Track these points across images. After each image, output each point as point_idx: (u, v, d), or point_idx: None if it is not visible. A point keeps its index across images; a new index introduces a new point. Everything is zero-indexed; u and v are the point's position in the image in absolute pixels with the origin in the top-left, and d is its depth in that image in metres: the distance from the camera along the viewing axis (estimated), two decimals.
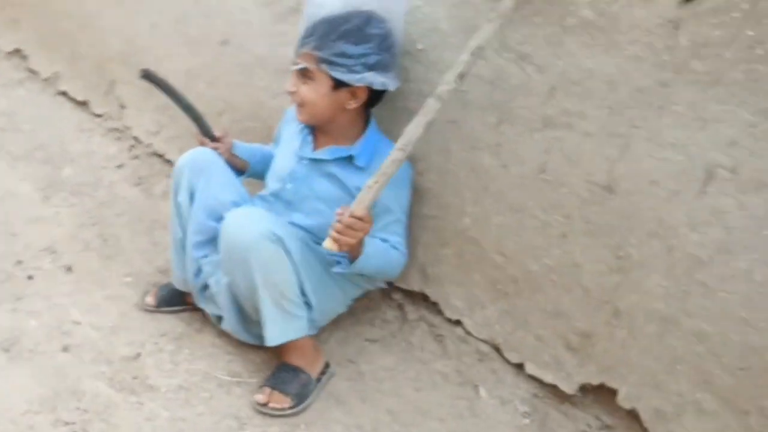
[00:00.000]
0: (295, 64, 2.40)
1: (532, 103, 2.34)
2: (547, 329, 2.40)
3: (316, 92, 2.39)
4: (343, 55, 2.32)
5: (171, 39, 3.35)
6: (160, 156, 3.47)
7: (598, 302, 2.29)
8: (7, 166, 3.47)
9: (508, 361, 2.50)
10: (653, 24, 2.11)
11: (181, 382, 2.47)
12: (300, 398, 2.39)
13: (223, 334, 2.59)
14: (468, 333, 2.58)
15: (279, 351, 2.44)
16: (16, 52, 4.16)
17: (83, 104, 3.84)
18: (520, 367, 2.48)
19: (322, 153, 2.49)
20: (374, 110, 2.57)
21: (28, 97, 4.02)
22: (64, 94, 3.94)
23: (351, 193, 2.42)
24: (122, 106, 3.63)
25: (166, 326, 2.65)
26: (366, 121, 2.54)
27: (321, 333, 2.65)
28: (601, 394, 2.33)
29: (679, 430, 2.17)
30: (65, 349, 2.54)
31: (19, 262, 2.88)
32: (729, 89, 2.01)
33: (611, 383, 2.29)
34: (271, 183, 2.61)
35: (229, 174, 2.56)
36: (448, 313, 2.61)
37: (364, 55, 2.32)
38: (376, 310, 2.76)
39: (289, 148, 2.59)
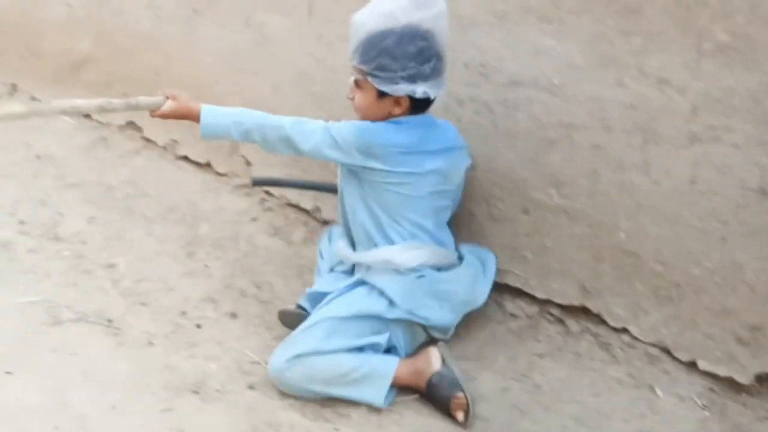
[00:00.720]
0: (352, 75, 2.73)
1: (676, 122, 2.56)
2: (715, 327, 2.61)
3: (365, 100, 2.74)
4: (382, 68, 2.64)
5: (295, 97, 3.58)
6: (294, 206, 3.69)
7: (765, 297, 2.49)
8: (145, 229, 3.70)
9: (679, 361, 2.70)
10: None
11: (367, 408, 2.69)
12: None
13: None
14: (635, 338, 2.78)
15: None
16: (130, 124, 4.39)
17: (206, 166, 4.07)
18: (691, 365, 2.68)
19: None
20: (521, 138, 2.90)
21: (148, 164, 4.24)
22: (184, 158, 4.16)
23: None
24: (248, 164, 3.86)
25: None
26: None
27: (490, 353, 2.89)
28: None
29: None
30: (251, 386, 2.77)
31: (184, 313, 3.13)
32: None
33: None
34: None
35: None
36: (612, 322, 2.82)
37: (401, 68, 2.63)
38: (538, 327, 2.97)
39: None
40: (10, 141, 4.44)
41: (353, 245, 2.94)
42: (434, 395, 2.70)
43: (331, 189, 3.17)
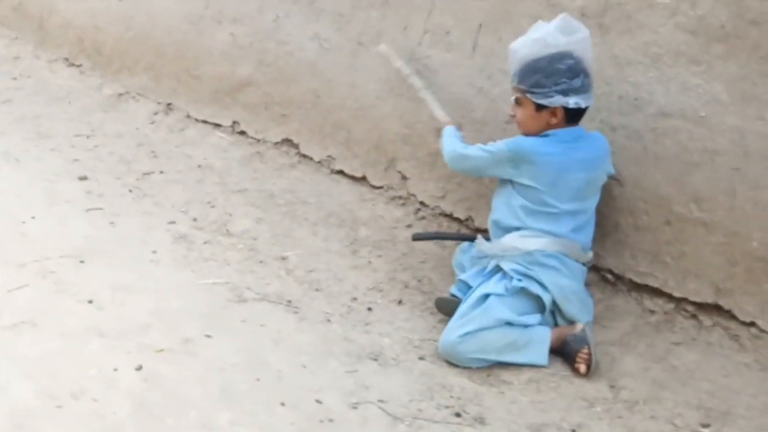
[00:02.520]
0: (513, 95, 3.37)
1: None
2: None
3: (525, 114, 3.36)
4: (537, 85, 3.26)
5: (455, 119, 4.16)
6: (448, 215, 4.27)
7: None
8: (310, 230, 4.29)
9: None
10: None
11: (528, 377, 3.27)
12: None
13: None
14: (762, 331, 3.31)
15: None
16: (285, 141, 4.98)
17: (361, 179, 4.65)
18: None
19: None
20: (667, 161, 3.46)
21: (304, 177, 4.79)
22: (340, 172, 4.74)
23: None
24: (404, 178, 4.44)
25: None
26: None
27: (631, 340, 3.46)
28: None
29: None
30: (421, 358, 3.32)
31: (355, 299, 3.70)
32: None
33: None
34: None
35: None
36: (742, 317, 3.36)
37: (554, 83, 3.23)
38: (674, 322, 3.51)
39: None
40: (171, 152, 5.08)
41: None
42: (564, 350, 3.32)
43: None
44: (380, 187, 4.59)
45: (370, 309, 3.65)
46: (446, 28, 4.22)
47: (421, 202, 4.37)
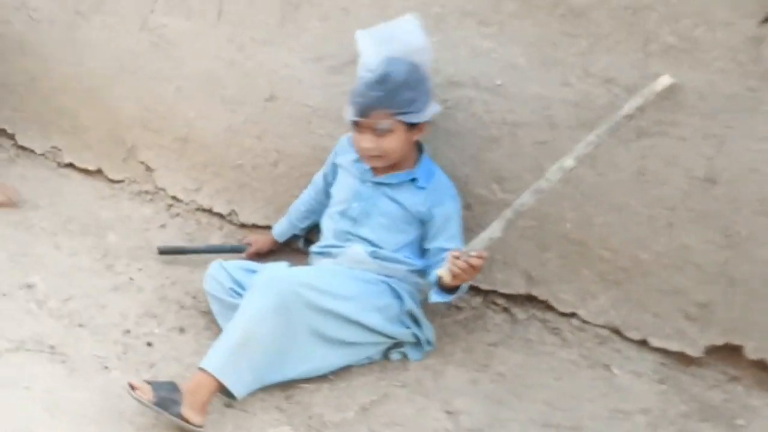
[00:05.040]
0: (367, 125, 2.77)
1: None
2: (664, 306, 2.82)
3: (397, 140, 2.78)
4: (408, 102, 2.72)
5: (202, 101, 3.54)
6: (207, 210, 3.66)
7: (712, 275, 2.73)
8: (49, 243, 3.54)
9: (630, 340, 2.90)
10: (735, 42, 2.54)
11: None
12: (162, 404, 2.48)
13: None
14: (584, 322, 2.96)
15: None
16: (1, 131, 4.19)
17: (96, 173, 3.96)
18: (642, 343, 2.89)
19: (388, 178, 2.91)
20: (462, 137, 3.04)
21: (27, 173, 4.07)
22: (69, 165, 4.03)
23: (410, 212, 2.88)
24: (149, 169, 3.78)
25: None
26: (419, 148, 2.94)
27: (446, 346, 2.99)
28: (724, 351, 2.78)
29: None
30: (228, 405, 2.68)
31: (128, 332, 3.00)
32: None
33: (735, 341, 2.74)
34: (337, 204, 3.02)
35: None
36: (560, 308, 2.99)
37: (421, 94, 2.75)
38: (484, 318, 3.11)
39: (350, 172, 2.99)
40: None
41: None
42: None
43: (237, 249, 3.38)
44: (121, 181, 3.90)
45: (149, 344, 2.97)
46: None
47: (174, 197, 3.76)
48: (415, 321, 2.89)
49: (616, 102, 2.74)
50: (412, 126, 2.76)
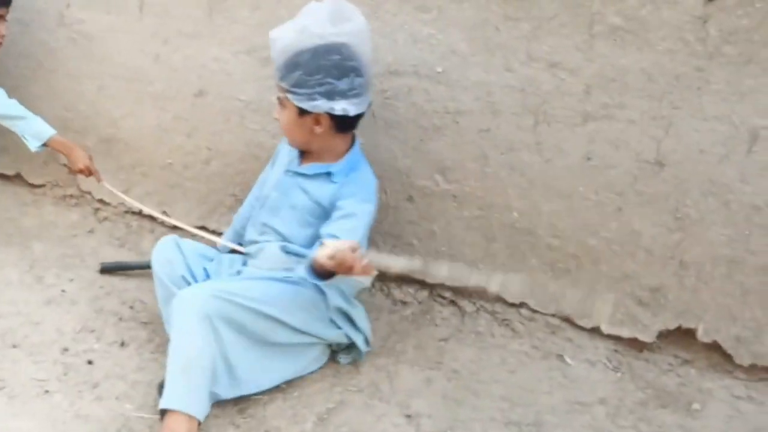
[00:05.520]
0: (276, 94, 2.65)
1: (569, 103, 2.69)
2: (616, 292, 2.78)
3: (288, 118, 2.63)
4: (299, 84, 2.54)
5: (128, 99, 3.39)
6: (137, 213, 3.50)
7: (663, 259, 2.69)
8: None
9: (581, 328, 2.85)
10: (682, 21, 2.51)
11: None
12: None
13: None
14: (534, 311, 2.90)
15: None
16: None
17: (15, 177, 3.77)
18: (594, 330, 2.84)
19: (305, 168, 2.74)
20: (402, 127, 2.91)
21: None
22: None
23: (318, 204, 2.70)
24: (72, 172, 3.60)
25: None
26: (351, 142, 2.77)
27: (396, 345, 2.91)
28: (677, 335, 2.74)
29: (761, 348, 2.63)
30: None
31: (66, 350, 2.83)
32: (762, 65, 2.45)
33: (688, 324, 2.71)
34: (262, 190, 2.88)
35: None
36: (510, 298, 2.92)
37: (318, 84, 2.52)
38: (432, 312, 3.03)
39: (282, 161, 2.84)
40: None
41: None
42: None
43: None
44: (42, 186, 3.71)
45: (90, 362, 2.79)
46: None
47: (100, 200, 3.58)
48: (349, 319, 2.75)
49: (562, 86, 2.68)
50: (303, 112, 2.58)
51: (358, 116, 2.63)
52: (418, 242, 3.02)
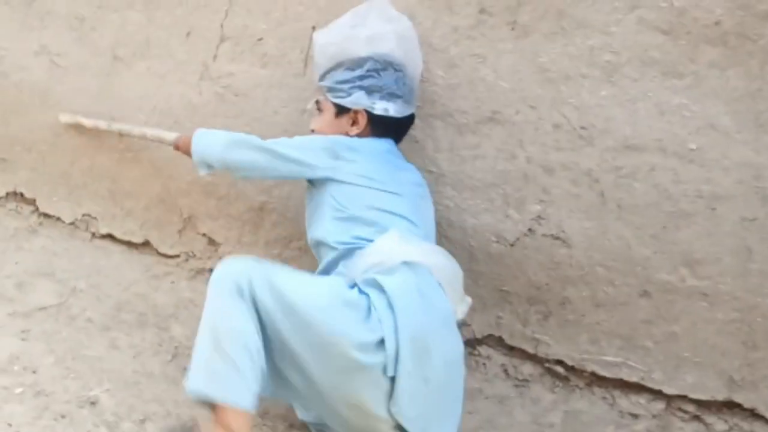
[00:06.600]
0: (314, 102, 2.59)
1: None
2: None
3: (324, 122, 2.52)
4: (340, 81, 2.46)
5: None
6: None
7: None
8: (104, 340, 2.89)
9: None
10: None
11: None
12: None
13: None
14: None
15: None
16: (13, 195, 3.61)
17: (143, 245, 3.36)
18: None
19: None
20: (641, 212, 2.49)
21: (55, 246, 3.48)
22: (108, 237, 3.44)
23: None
24: (212, 243, 3.21)
25: None
26: None
27: None
28: None
29: None
30: None
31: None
32: None
33: None
34: None
35: None
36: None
37: (359, 77, 2.44)
38: (670, 428, 2.60)
39: None
40: None
41: None
42: None
43: None
44: (176, 256, 3.25)
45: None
46: (256, 32, 2.92)
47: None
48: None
49: None
50: (342, 111, 2.48)
51: (399, 128, 2.52)
52: (653, 345, 2.56)
